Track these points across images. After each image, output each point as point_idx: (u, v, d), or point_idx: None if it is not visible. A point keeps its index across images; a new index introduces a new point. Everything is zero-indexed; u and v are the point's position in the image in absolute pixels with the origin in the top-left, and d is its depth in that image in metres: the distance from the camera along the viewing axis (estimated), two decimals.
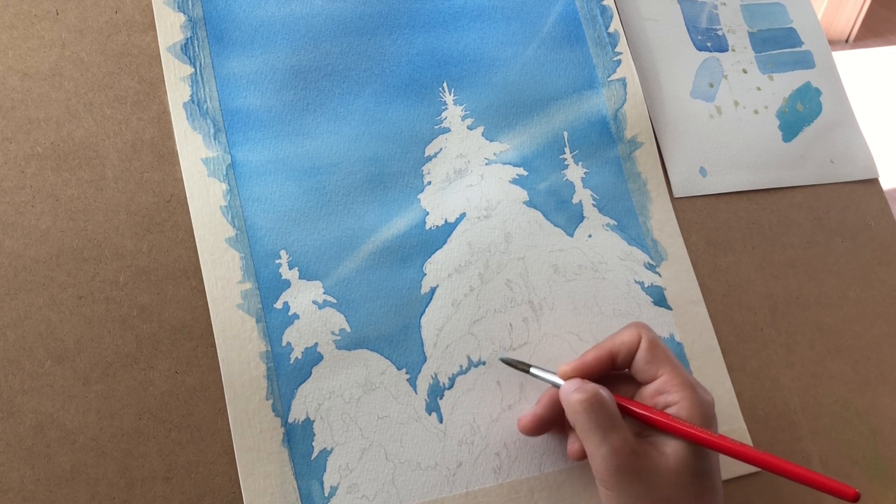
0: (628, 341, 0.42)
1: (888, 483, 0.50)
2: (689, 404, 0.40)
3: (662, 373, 0.41)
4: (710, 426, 0.40)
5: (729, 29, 0.59)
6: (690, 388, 0.41)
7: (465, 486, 0.44)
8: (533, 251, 0.48)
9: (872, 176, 0.59)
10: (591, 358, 0.42)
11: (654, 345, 0.42)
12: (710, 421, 0.41)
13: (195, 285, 0.43)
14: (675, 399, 0.40)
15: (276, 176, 0.46)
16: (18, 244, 0.42)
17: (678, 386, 0.41)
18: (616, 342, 0.42)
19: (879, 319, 0.55)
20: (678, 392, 0.41)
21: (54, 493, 0.39)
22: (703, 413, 0.40)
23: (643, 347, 0.42)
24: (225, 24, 0.47)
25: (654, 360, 0.41)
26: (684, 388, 0.41)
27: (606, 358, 0.42)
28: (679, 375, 0.41)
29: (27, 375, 0.40)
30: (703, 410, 0.40)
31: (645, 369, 0.42)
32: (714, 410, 0.41)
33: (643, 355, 0.42)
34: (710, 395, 0.42)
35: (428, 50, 0.50)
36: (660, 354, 0.42)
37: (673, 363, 0.42)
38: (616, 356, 0.42)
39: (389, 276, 0.46)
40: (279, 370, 0.43)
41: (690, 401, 0.40)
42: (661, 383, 0.41)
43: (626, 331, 0.43)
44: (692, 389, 0.41)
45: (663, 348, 0.42)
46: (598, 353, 0.42)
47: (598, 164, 0.51)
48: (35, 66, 0.44)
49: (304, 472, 0.42)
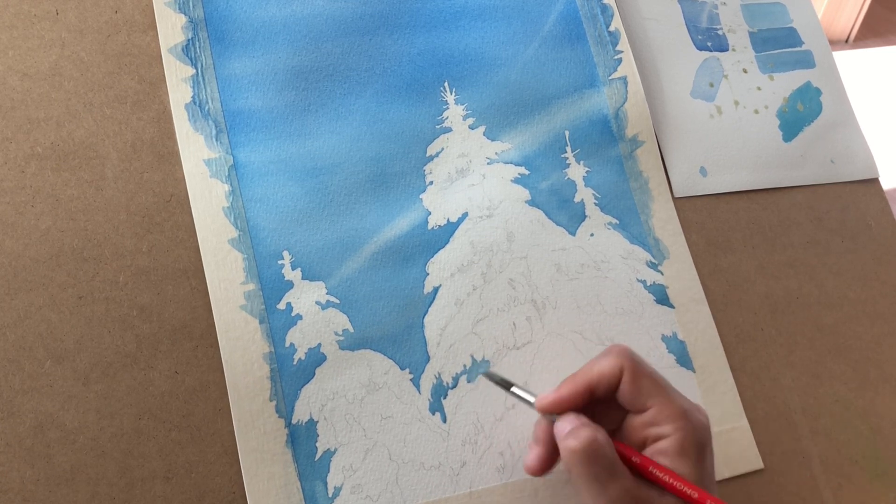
0: (608, 373, 0.39)
1: (888, 483, 0.50)
2: (683, 436, 0.38)
3: (652, 404, 0.39)
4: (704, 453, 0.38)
5: (729, 29, 0.59)
6: (683, 418, 0.38)
7: (468, 486, 0.44)
8: (535, 250, 0.48)
9: (872, 176, 0.59)
10: (568, 392, 0.39)
11: (637, 375, 0.39)
12: (704, 447, 0.38)
13: (195, 285, 0.43)
14: (668, 431, 0.38)
15: (278, 177, 0.46)
16: (18, 244, 0.42)
17: (669, 416, 0.38)
18: (594, 374, 0.39)
19: (879, 319, 0.55)
20: (670, 423, 0.38)
21: (54, 493, 0.39)
22: (698, 441, 0.38)
23: (626, 380, 0.39)
24: (226, 25, 0.47)
25: (640, 392, 0.39)
26: (676, 419, 0.38)
27: (584, 392, 0.39)
28: (670, 404, 0.38)
29: (27, 375, 0.40)
30: (697, 439, 0.38)
31: (632, 401, 0.39)
32: (709, 432, 0.39)
33: (628, 387, 0.39)
34: (704, 417, 0.39)
35: (429, 50, 0.50)
36: (646, 384, 0.39)
37: (662, 390, 0.39)
38: (595, 389, 0.39)
39: (392, 275, 0.46)
40: (282, 371, 0.43)
41: (683, 431, 0.38)
42: (652, 415, 0.39)
43: (604, 360, 0.40)
44: (685, 419, 0.38)
45: (649, 375, 0.39)
46: (575, 388, 0.40)
47: (600, 163, 0.51)
48: (35, 66, 0.44)
49: (307, 473, 0.42)
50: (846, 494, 0.49)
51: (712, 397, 0.49)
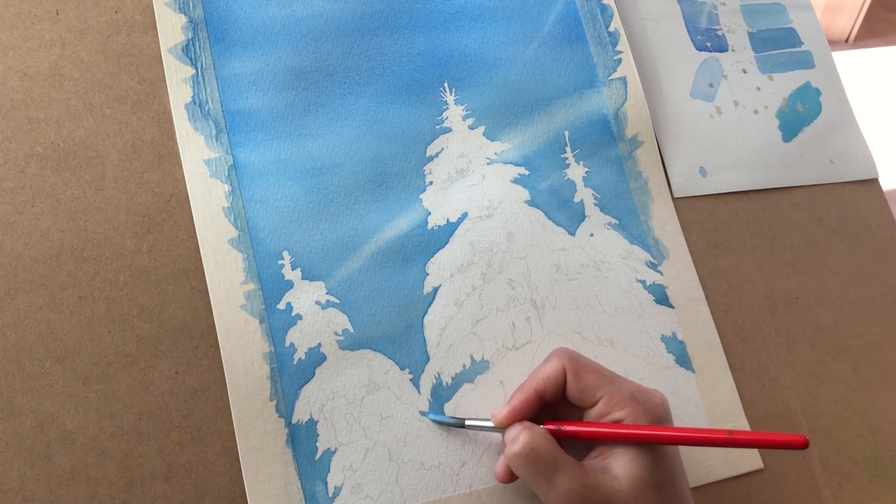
0: (552, 375, 0.41)
1: (888, 483, 0.50)
2: (634, 418, 0.39)
3: (600, 395, 0.40)
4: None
5: (729, 29, 0.59)
6: (632, 402, 0.39)
7: (468, 486, 0.44)
8: (535, 250, 0.48)
9: (872, 176, 0.59)
10: (519, 402, 0.41)
11: (580, 372, 0.40)
12: (662, 422, 0.40)
13: (195, 285, 0.43)
14: (620, 416, 0.39)
15: (278, 177, 0.46)
16: (18, 244, 0.42)
17: (618, 403, 0.39)
18: (539, 379, 0.41)
19: (879, 319, 0.55)
20: (620, 409, 0.39)
21: (54, 493, 0.39)
22: (651, 420, 0.39)
23: (570, 378, 0.40)
24: (226, 25, 0.47)
25: (587, 388, 0.40)
26: (626, 404, 0.39)
27: (534, 398, 0.41)
28: (617, 392, 0.40)
29: (27, 375, 0.40)
30: (651, 417, 0.39)
31: (582, 398, 0.40)
32: (665, 410, 0.40)
33: (574, 385, 0.40)
34: (657, 397, 0.41)
35: (429, 50, 0.50)
36: (589, 378, 0.40)
37: (607, 381, 0.40)
38: (543, 393, 0.41)
39: (392, 276, 0.46)
40: (283, 371, 0.43)
41: (635, 414, 0.39)
42: (603, 405, 0.40)
43: (547, 364, 0.41)
44: (634, 402, 0.39)
45: (593, 370, 0.41)
46: (525, 396, 0.41)
47: (600, 163, 0.51)
48: (35, 66, 0.44)
49: (308, 473, 0.42)
50: (846, 494, 0.49)
51: (712, 397, 0.49)
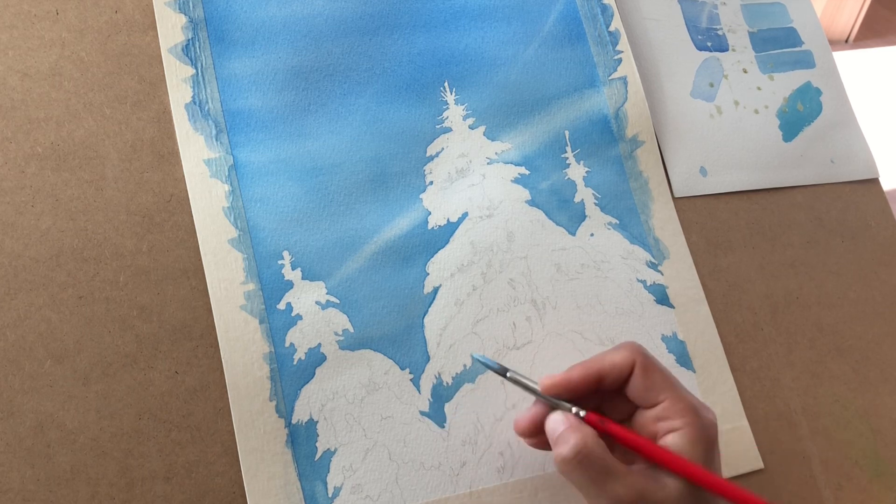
0: (620, 365, 0.40)
1: (888, 483, 0.50)
2: (693, 430, 0.38)
3: (663, 398, 0.39)
4: (712, 449, 0.39)
5: (729, 29, 0.59)
6: (693, 413, 0.39)
7: (468, 486, 0.44)
8: (535, 250, 0.48)
9: (872, 176, 0.59)
10: (578, 376, 0.40)
11: (650, 370, 0.40)
12: (712, 444, 0.39)
13: (195, 285, 0.43)
14: (678, 425, 0.39)
15: (278, 177, 0.46)
16: (18, 244, 0.42)
17: (680, 411, 0.39)
18: (606, 364, 0.40)
19: (879, 319, 0.55)
20: (680, 418, 0.39)
21: (54, 493, 0.39)
22: (707, 437, 0.39)
23: (638, 374, 0.40)
24: (226, 25, 0.47)
25: (652, 387, 0.39)
26: (686, 414, 0.39)
27: (594, 379, 0.40)
28: (680, 400, 0.39)
29: (27, 375, 0.40)
30: (707, 435, 0.39)
31: (644, 396, 0.40)
32: (716, 430, 0.40)
33: (640, 382, 0.40)
34: (712, 415, 0.40)
35: (429, 50, 0.50)
36: (657, 379, 0.40)
37: (672, 386, 0.40)
38: (604, 378, 0.40)
39: (392, 275, 0.46)
40: (283, 371, 0.43)
41: (693, 426, 0.38)
42: (663, 409, 0.39)
43: (617, 353, 0.40)
44: (695, 414, 0.39)
45: (660, 371, 0.40)
46: (586, 373, 0.40)
47: (600, 163, 0.51)
48: (35, 66, 0.44)
49: (307, 473, 0.42)
50: (846, 494, 0.49)
51: (712, 397, 0.49)
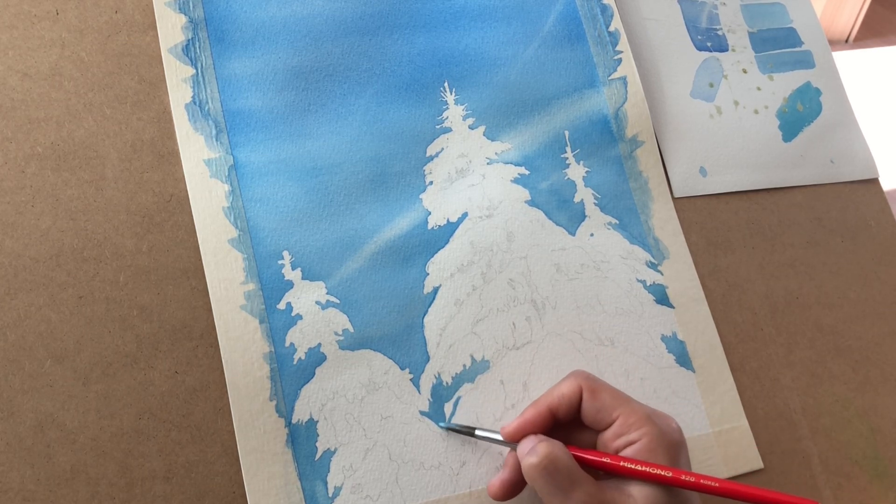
0: (568, 394, 0.41)
1: (888, 483, 0.50)
2: (650, 439, 0.39)
3: (617, 415, 0.40)
4: (677, 455, 0.39)
5: (729, 29, 0.59)
6: (649, 423, 0.39)
7: (468, 486, 0.44)
8: (535, 250, 0.48)
9: (872, 176, 0.59)
10: (531, 416, 0.41)
11: (596, 391, 0.40)
12: (677, 449, 0.39)
13: (195, 285, 0.43)
14: (635, 437, 0.39)
15: (278, 177, 0.46)
16: (18, 244, 0.42)
17: (636, 424, 0.39)
18: (554, 397, 0.41)
19: (879, 319, 0.55)
20: (637, 430, 0.39)
21: (54, 493, 0.39)
22: (668, 443, 0.39)
23: (586, 398, 0.40)
24: (226, 25, 0.47)
25: (602, 407, 0.40)
26: (643, 425, 0.39)
27: (546, 414, 0.41)
28: (633, 413, 0.40)
29: (27, 375, 0.40)
30: (667, 441, 0.39)
31: (597, 418, 0.40)
32: (680, 436, 0.40)
33: (589, 405, 0.40)
34: (673, 422, 0.40)
35: (429, 50, 0.50)
36: (606, 399, 0.40)
37: (623, 402, 0.40)
38: (556, 410, 0.41)
39: (392, 275, 0.46)
40: (283, 371, 0.43)
41: (651, 435, 0.39)
42: (619, 426, 0.40)
43: (563, 383, 0.41)
44: (650, 423, 0.39)
45: (608, 391, 0.41)
46: (538, 410, 0.41)
47: (600, 163, 0.51)
48: (35, 66, 0.44)
49: (307, 473, 0.42)
50: (846, 494, 0.49)
51: (712, 397, 0.49)
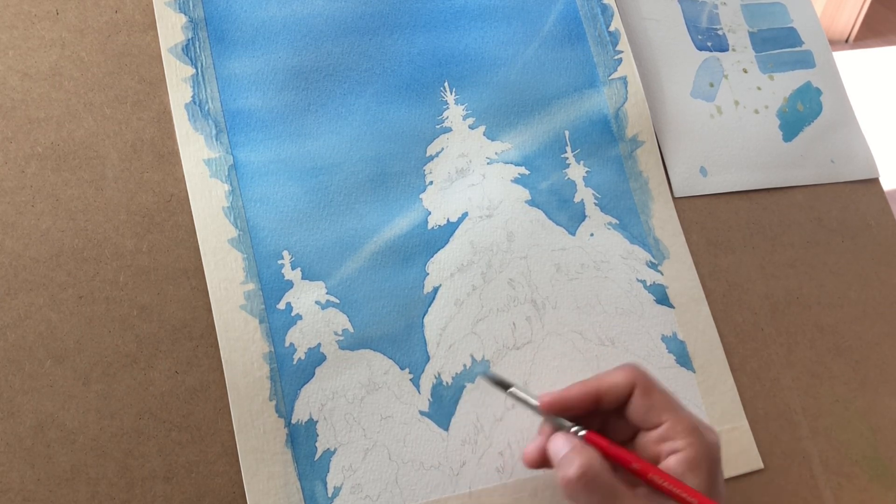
0: (619, 386, 0.40)
1: (888, 483, 0.50)
2: (696, 451, 0.38)
3: (665, 419, 0.39)
4: (716, 470, 0.39)
5: (729, 29, 0.59)
6: (696, 434, 0.39)
7: (468, 486, 0.44)
8: (535, 250, 0.48)
9: (872, 176, 0.59)
10: (576, 394, 0.40)
11: (650, 391, 0.39)
12: (716, 465, 0.39)
13: (195, 285, 0.43)
14: (681, 446, 0.38)
15: (278, 176, 0.46)
16: (18, 244, 0.42)
17: (682, 432, 0.38)
18: (605, 385, 0.40)
19: (879, 319, 0.55)
20: (682, 439, 0.38)
21: (54, 493, 0.39)
22: (709, 458, 0.38)
23: (638, 395, 0.39)
24: (226, 24, 0.47)
25: (653, 408, 0.39)
26: (689, 435, 0.38)
27: (592, 398, 0.40)
28: (682, 420, 0.39)
29: (27, 375, 0.40)
30: (709, 456, 0.39)
31: (644, 418, 0.39)
32: (719, 450, 0.40)
33: (640, 403, 0.39)
34: (715, 436, 0.40)
35: (429, 50, 0.50)
36: (658, 400, 0.39)
37: (674, 407, 0.39)
38: (602, 399, 0.40)
39: (392, 275, 0.46)
40: (282, 371, 0.43)
41: (695, 447, 0.38)
42: (665, 430, 0.39)
43: (617, 373, 0.40)
44: (697, 435, 0.39)
45: (661, 392, 0.40)
46: (584, 392, 0.40)
47: (600, 163, 0.51)
48: (35, 66, 0.44)
49: (307, 473, 0.42)
50: (846, 494, 0.49)
51: (712, 397, 0.49)
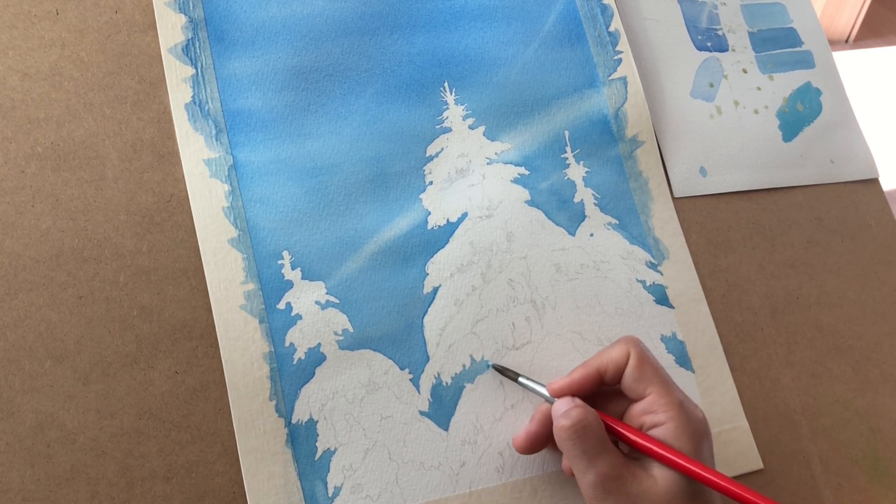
0: (616, 357, 0.41)
1: (888, 483, 0.50)
2: (676, 425, 0.39)
3: (651, 391, 0.40)
4: (700, 445, 0.39)
5: (729, 29, 0.59)
6: (678, 408, 0.39)
7: (468, 486, 0.44)
8: (535, 250, 0.48)
9: (872, 176, 0.59)
10: (579, 376, 0.42)
11: (641, 361, 0.41)
12: (700, 439, 0.39)
13: (195, 285, 0.43)
14: (662, 419, 0.39)
15: (277, 177, 0.46)
16: (18, 244, 0.42)
17: (665, 405, 0.40)
18: (604, 359, 0.41)
19: (879, 319, 0.55)
20: (665, 412, 0.39)
21: (54, 493, 0.39)
22: (692, 433, 0.39)
23: (631, 364, 0.41)
24: (226, 24, 0.47)
25: (641, 378, 0.40)
26: (671, 408, 0.39)
27: (594, 376, 0.41)
28: (666, 394, 0.40)
29: (27, 375, 0.40)
30: (692, 430, 0.39)
31: (633, 387, 0.41)
32: (706, 427, 0.40)
33: (631, 372, 0.41)
34: (699, 412, 0.41)
35: (429, 50, 0.50)
36: (647, 371, 0.40)
37: (661, 380, 0.40)
38: (604, 373, 0.41)
39: (392, 275, 0.46)
40: (282, 371, 0.43)
41: (678, 421, 0.39)
42: (649, 402, 0.40)
43: (615, 346, 0.42)
44: (679, 409, 0.39)
45: (652, 364, 0.41)
46: (586, 371, 0.42)
47: (600, 163, 0.51)
48: (35, 66, 0.44)
49: (307, 473, 0.42)
50: (846, 494, 0.49)
51: (712, 397, 0.49)
